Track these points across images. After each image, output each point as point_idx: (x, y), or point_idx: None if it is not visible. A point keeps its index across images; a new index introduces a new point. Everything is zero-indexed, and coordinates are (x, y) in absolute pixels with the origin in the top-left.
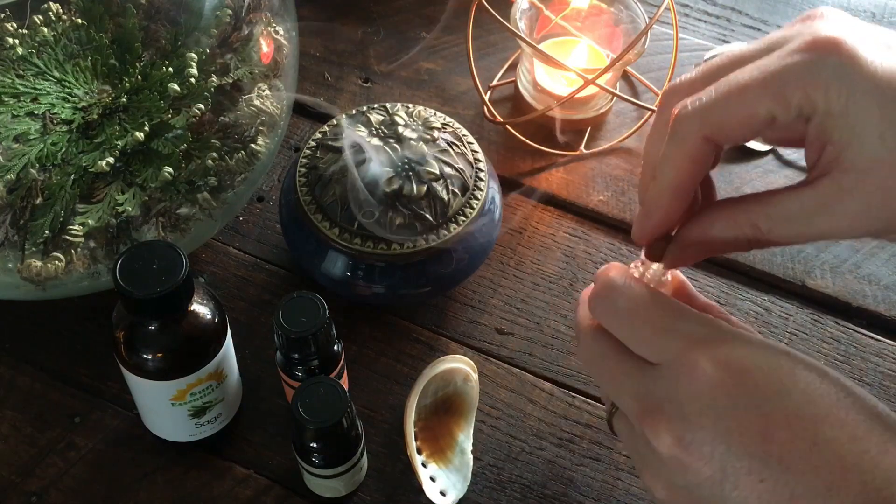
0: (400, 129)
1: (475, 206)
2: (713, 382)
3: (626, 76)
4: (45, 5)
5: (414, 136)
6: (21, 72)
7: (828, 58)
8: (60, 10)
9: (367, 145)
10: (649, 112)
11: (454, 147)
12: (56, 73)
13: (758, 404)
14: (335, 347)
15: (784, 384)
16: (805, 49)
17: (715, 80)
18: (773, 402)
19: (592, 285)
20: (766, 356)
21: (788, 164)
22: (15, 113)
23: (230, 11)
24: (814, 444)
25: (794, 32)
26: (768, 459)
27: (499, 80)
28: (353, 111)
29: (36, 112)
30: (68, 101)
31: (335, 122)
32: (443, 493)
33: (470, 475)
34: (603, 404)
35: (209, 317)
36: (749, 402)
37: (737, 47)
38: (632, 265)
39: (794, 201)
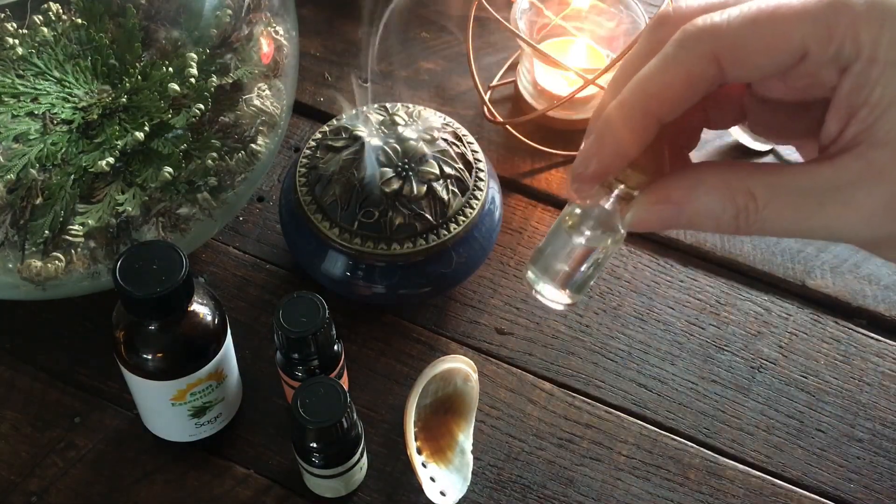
0: (400, 129)
1: (475, 206)
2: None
3: None
4: (45, 5)
5: (414, 136)
6: (21, 72)
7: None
8: (60, 10)
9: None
10: None
11: (454, 147)
12: (56, 73)
13: None
14: (335, 347)
15: None
16: None
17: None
18: None
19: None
20: None
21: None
22: (15, 113)
23: (230, 11)
24: None
25: None
26: None
27: (499, 80)
28: (353, 111)
29: (36, 112)
30: (68, 101)
31: (335, 121)
32: (443, 493)
33: (470, 475)
34: (605, 404)
35: (209, 317)
36: None
37: None
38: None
39: (805, 176)
